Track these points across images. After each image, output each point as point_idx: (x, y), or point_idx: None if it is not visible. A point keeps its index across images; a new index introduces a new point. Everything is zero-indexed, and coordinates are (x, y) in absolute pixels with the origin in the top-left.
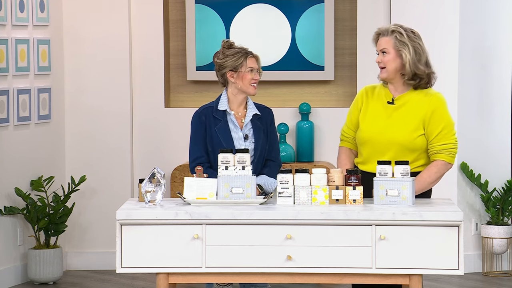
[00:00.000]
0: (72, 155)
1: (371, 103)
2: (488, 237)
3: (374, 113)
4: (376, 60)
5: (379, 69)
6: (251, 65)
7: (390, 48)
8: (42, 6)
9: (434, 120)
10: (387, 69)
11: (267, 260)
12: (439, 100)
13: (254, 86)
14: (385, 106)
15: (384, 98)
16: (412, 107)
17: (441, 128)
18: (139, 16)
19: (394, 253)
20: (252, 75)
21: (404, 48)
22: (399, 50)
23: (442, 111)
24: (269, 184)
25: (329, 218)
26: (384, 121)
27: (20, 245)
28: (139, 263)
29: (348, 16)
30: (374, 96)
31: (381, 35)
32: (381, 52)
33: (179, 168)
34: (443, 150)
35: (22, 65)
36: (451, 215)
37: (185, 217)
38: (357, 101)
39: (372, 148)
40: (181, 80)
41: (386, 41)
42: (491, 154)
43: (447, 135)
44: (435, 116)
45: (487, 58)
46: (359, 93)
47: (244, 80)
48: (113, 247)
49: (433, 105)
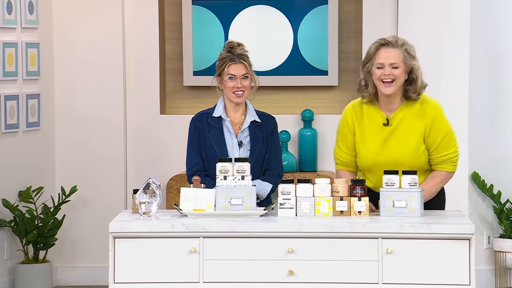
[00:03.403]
0: (62, 165)
1: (365, 125)
2: (501, 251)
3: (372, 137)
4: (385, 73)
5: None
6: (231, 72)
7: (400, 62)
8: (31, 8)
9: (434, 130)
10: (396, 83)
11: (268, 275)
12: (436, 108)
13: (237, 95)
14: (380, 128)
15: (377, 119)
16: (410, 124)
17: (442, 137)
18: (133, 18)
19: (402, 267)
20: (233, 83)
21: (415, 62)
22: (410, 64)
23: (441, 119)
24: (263, 187)
25: (333, 230)
26: (384, 144)
27: (8, 260)
28: (133, 278)
29: (353, 18)
30: (364, 117)
31: (387, 46)
32: (390, 66)
33: (175, 178)
34: (446, 160)
35: (10, 70)
36: (462, 228)
37: (181, 229)
38: (347, 123)
39: (379, 173)
40: (177, 85)
41: (396, 54)
42: (503, 164)
43: (448, 143)
44: (435, 126)
45: (499, 63)
46: (346, 113)
47: (226, 88)
48: (105, 261)
49: (431, 115)
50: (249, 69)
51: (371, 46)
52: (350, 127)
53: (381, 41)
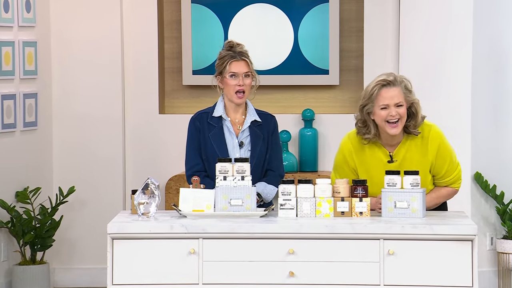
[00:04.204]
0: (60, 165)
1: (369, 163)
2: (504, 253)
3: (378, 174)
4: (392, 114)
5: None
6: (234, 70)
7: (403, 100)
8: (28, 6)
9: (439, 161)
10: (401, 122)
11: (268, 276)
12: (438, 137)
13: (239, 96)
14: (385, 165)
15: (380, 156)
16: (414, 158)
17: (448, 163)
18: (131, 16)
19: (404, 269)
20: (235, 81)
21: (414, 96)
22: (411, 100)
23: (444, 147)
24: (268, 191)
25: (334, 231)
26: None
27: (4, 261)
28: (131, 280)
29: (354, 16)
30: (366, 154)
31: (388, 86)
32: (395, 105)
33: (174, 178)
34: (454, 182)
35: (7, 69)
36: (465, 229)
37: (180, 230)
38: (347, 162)
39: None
40: (176, 84)
41: (398, 92)
42: (506, 164)
43: (453, 166)
44: (439, 157)
45: (502, 62)
46: (344, 148)
47: (227, 86)
48: (104, 262)
49: (435, 146)
50: (251, 67)
51: (371, 87)
52: (350, 166)
53: (382, 82)
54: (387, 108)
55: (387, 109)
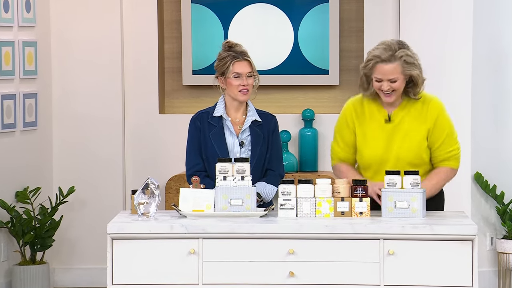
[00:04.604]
0: (60, 165)
1: (367, 124)
2: (504, 253)
3: (374, 135)
4: (383, 88)
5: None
6: (237, 70)
7: (399, 74)
8: (28, 6)
9: (437, 129)
10: (396, 93)
11: (268, 276)
12: (439, 106)
13: (244, 93)
14: (382, 125)
15: (379, 116)
16: (412, 121)
17: (445, 135)
18: (131, 16)
19: (404, 269)
20: (239, 81)
21: (414, 69)
22: (409, 73)
23: (443, 118)
24: (268, 191)
25: (334, 231)
26: (386, 142)
27: (4, 261)
28: (131, 280)
29: (354, 16)
30: (366, 116)
31: (383, 63)
32: (389, 81)
33: (174, 178)
34: (450, 157)
35: (7, 69)
36: (465, 229)
37: (180, 230)
38: (346, 121)
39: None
40: (176, 84)
41: (394, 68)
42: (506, 164)
43: (451, 140)
44: (438, 125)
45: (502, 62)
46: (346, 110)
47: (231, 86)
48: (103, 263)
49: (435, 113)
50: (253, 67)
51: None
52: (350, 127)
53: (377, 59)
54: (380, 81)
55: (381, 82)
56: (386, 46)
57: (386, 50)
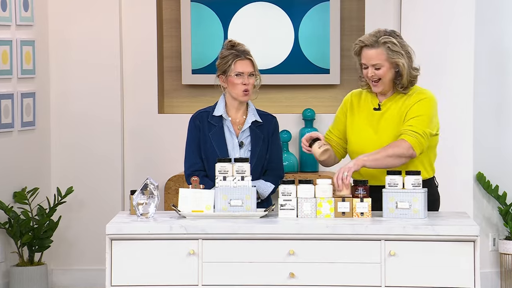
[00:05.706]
0: (58, 165)
1: (357, 113)
2: (507, 254)
3: (360, 123)
4: (368, 75)
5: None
6: (239, 70)
7: (383, 61)
8: (26, 5)
9: (413, 108)
10: (383, 81)
11: (269, 277)
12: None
13: (245, 93)
14: (371, 113)
15: (371, 104)
16: (397, 109)
17: (417, 114)
18: (130, 15)
19: (405, 270)
20: (240, 80)
21: (400, 58)
22: (394, 61)
23: (425, 103)
24: (264, 186)
25: (334, 232)
26: (371, 130)
27: (2, 262)
28: (130, 281)
29: (355, 15)
30: (360, 104)
31: (367, 47)
32: (373, 67)
33: (173, 178)
34: (410, 131)
35: (4, 68)
36: (467, 230)
37: (180, 231)
38: (343, 107)
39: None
40: (175, 84)
41: (378, 54)
42: (509, 164)
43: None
44: (416, 106)
45: (504, 61)
46: (346, 98)
47: (232, 86)
48: (102, 263)
49: (416, 99)
50: (255, 67)
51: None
52: (344, 111)
53: (361, 44)
54: (366, 67)
55: (367, 69)
56: (374, 33)
57: (372, 35)
